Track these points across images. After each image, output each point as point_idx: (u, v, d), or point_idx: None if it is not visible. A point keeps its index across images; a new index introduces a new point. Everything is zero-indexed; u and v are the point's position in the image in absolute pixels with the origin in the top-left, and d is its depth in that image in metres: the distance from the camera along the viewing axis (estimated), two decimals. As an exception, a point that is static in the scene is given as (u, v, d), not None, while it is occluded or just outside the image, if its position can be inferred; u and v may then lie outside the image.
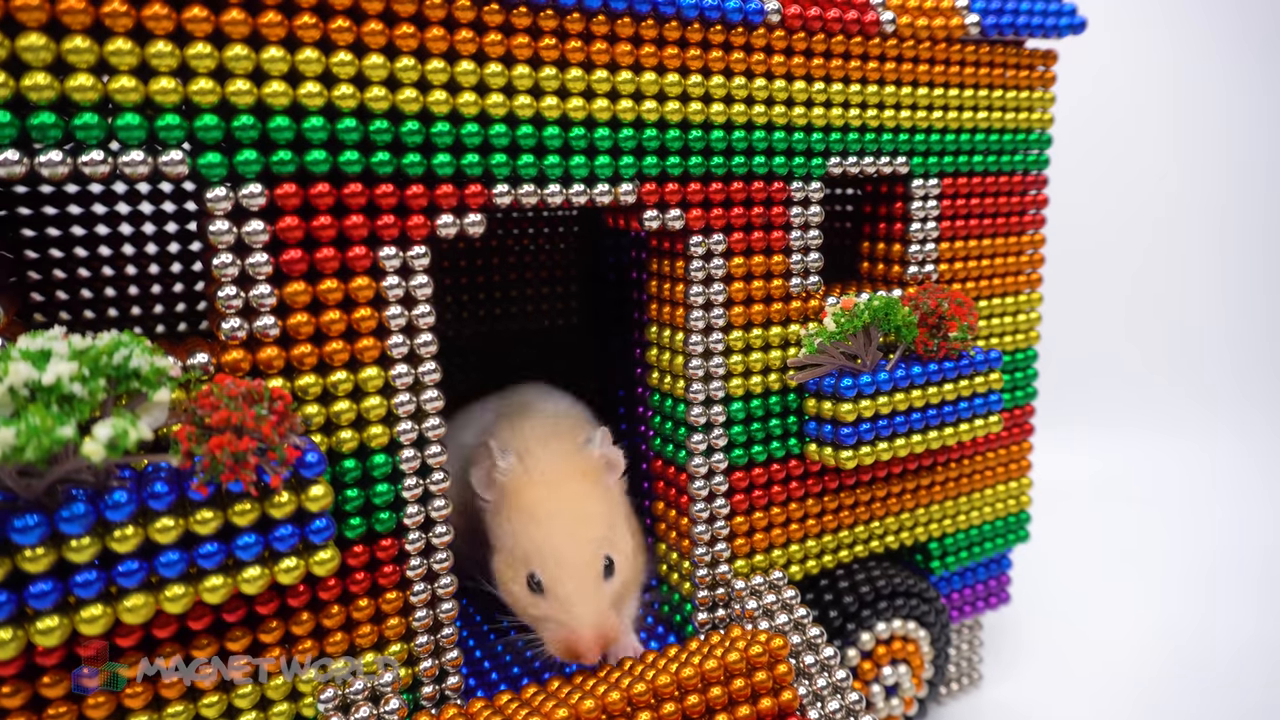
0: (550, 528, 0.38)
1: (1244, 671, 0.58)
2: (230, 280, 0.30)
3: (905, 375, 0.42)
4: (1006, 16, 0.46)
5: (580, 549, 0.38)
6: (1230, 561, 0.75)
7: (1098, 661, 0.60)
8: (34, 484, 0.25)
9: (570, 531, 0.38)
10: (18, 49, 0.26)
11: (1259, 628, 0.64)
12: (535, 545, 0.38)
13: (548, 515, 0.39)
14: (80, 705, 0.29)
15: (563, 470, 0.40)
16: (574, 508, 0.39)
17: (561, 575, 0.37)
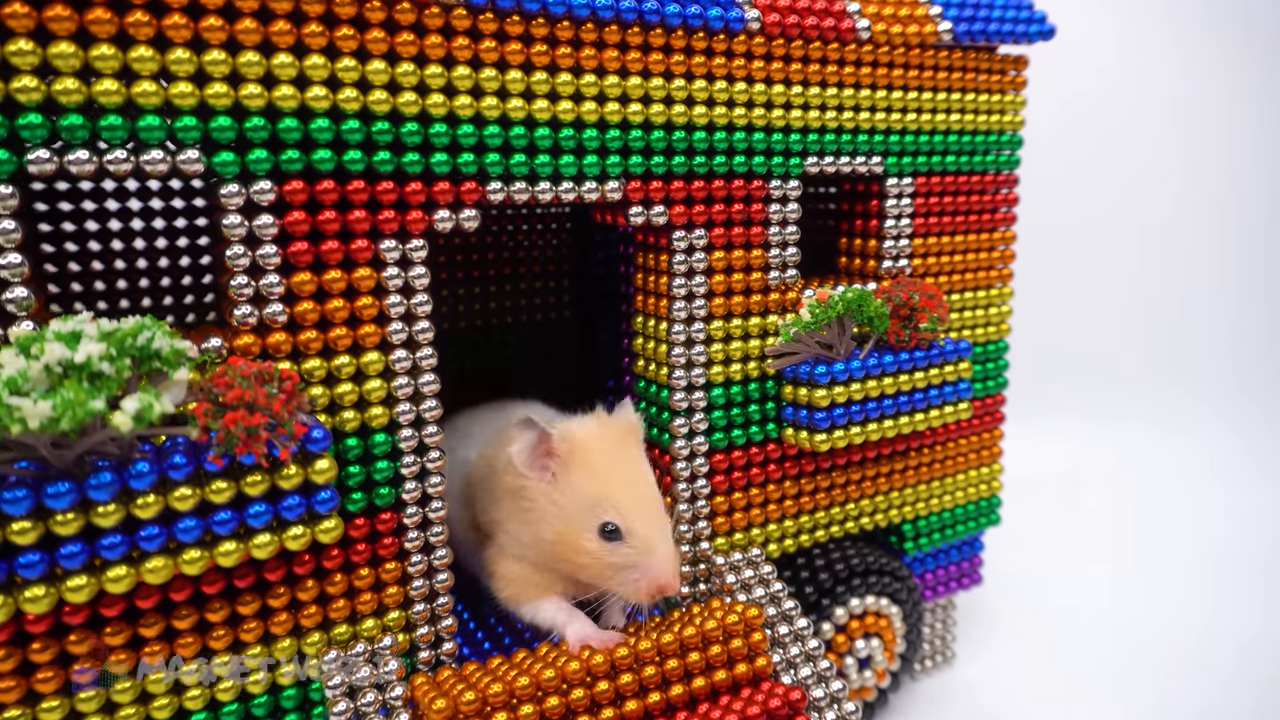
0: (620, 476, 0.39)
1: (1210, 653, 0.61)
2: (242, 270, 0.32)
3: (877, 364, 0.45)
4: (978, 24, 0.48)
5: (652, 491, 0.40)
6: (1200, 549, 0.78)
7: (1068, 643, 0.63)
8: (65, 454, 0.27)
9: (638, 478, 0.40)
10: (49, 56, 0.28)
11: (1226, 612, 0.66)
12: (607, 495, 0.39)
13: (614, 465, 0.40)
14: (104, 662, 0.31)
15: (611, 432, 0.41)
16: (634, 459, 0.41)
17: (640, 516, 0.38)
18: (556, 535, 0.39)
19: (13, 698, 0.30)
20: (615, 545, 0.38)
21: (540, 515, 0.40)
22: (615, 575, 0.38)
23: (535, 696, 0.35)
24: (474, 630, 0.46)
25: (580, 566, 0.39)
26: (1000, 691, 0.57)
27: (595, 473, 0.39)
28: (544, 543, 0.40)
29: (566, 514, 0.39)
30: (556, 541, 0.39)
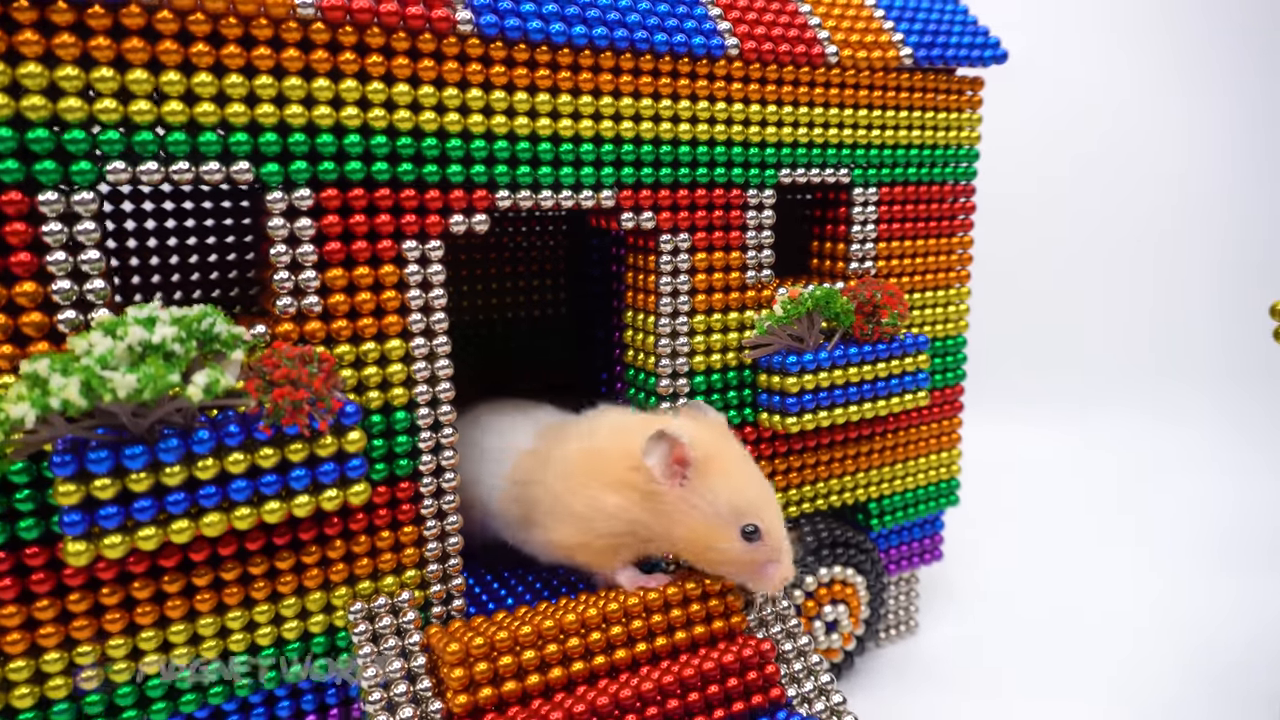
0: (756, 482, 0.43)
1: (1162, 629, 0.65)
2: (284, 266, 0.37)
3: (843, 355, 0.50)
4: (936, 49, 0.53)
5: (775, 500, 0.44)
6: (1159, 532, 0.83)
7: (1027, 617, 0.68)
8: (141, 422, 0.32)
9: (765, 482, 0.44)
10: (125, 81, 0.33)
11: (1181, 592, 0.71)
12: (749, 500, 0.42)
13: (748, 473, 0.44)
14: (163, 605, 0.36)
15: (716, 434, 0.45)
16: (747, 458, 0.45)
17: (776, 521, 0.43)
18: (691, 532, 0.42)
19: (85, 634, 0.35)
20: (755, 545, 0.42)
21: (673, 515, 0.43)
22: (749, 569, 0.43)
23: (536, 643, 0.40)
24: (479, 594, 0.50)
25: (707, 559, 0.43)
26: (960, 659, 0.62)
27: (730, 478, 0.43)
28: (672, 533, 0.43)
29: (706, 515, 0.42)
30: (693, 536, 0.43)
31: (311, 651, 0.40)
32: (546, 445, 0.49)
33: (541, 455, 0.49)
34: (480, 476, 0.50)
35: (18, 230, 0.32)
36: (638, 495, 0.43)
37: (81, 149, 0.33)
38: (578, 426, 0.49)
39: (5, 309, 0.32)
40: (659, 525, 0.43)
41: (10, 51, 0.31)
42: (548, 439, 0.49)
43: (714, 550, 0.43)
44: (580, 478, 0.45)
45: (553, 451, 0.48)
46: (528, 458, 0.49)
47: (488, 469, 0.50)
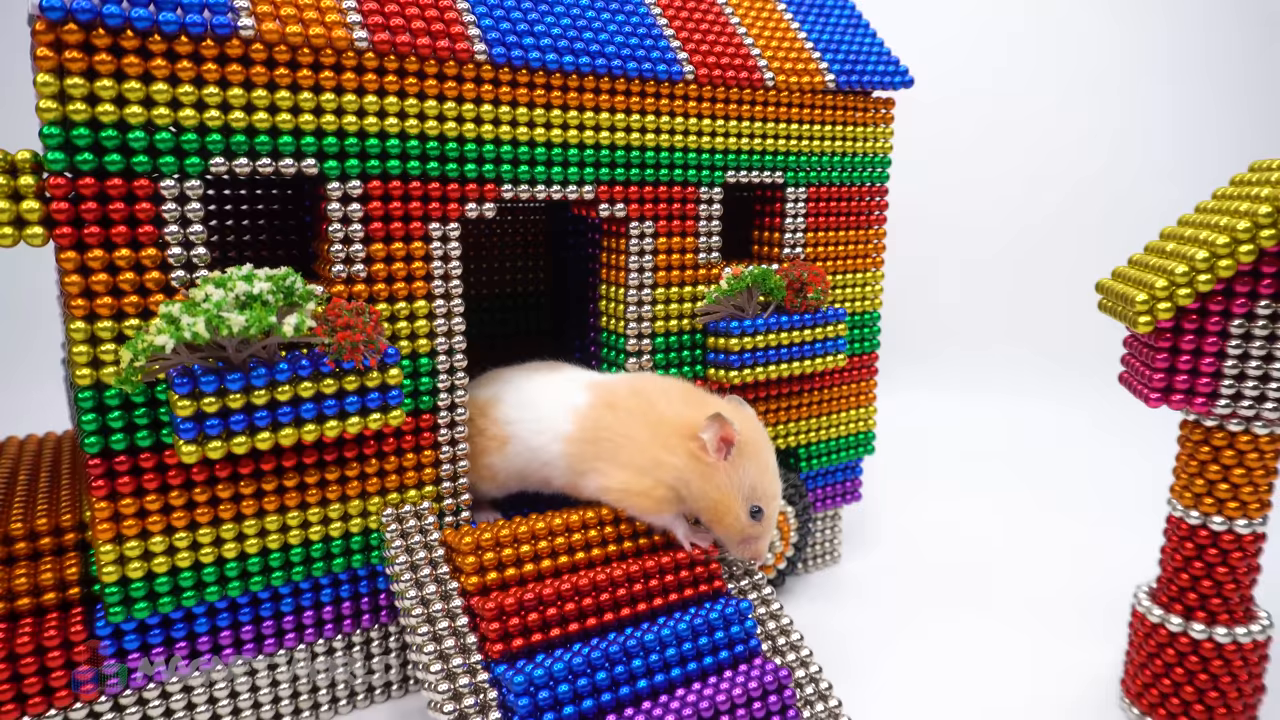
0: (772, 472, 0.52)
1: (1058, 564, 0.78)
2: (338, 240, 0.48)
3: (775, 322, 0.62)
4: (855, 75, 0.65)
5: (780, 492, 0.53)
6: (1055, 487, 0.96)
7: (936, 551, 0.80)
8: (241, 354, 0.42)
9: (778, 474, 0.53)
10: (226, 96, 0.43)
11: (1078, 537, 0.84)
12: (764, 486, 0.51)
13: (770, 464, 0.52)
14: (234, 506, 0.46)
15: (754, 426, 0.53)
16: (771, 452, 0.53)
17: (774, 509, 0.52)
18: (715, 498, 0.50)
19: (182, 523, 0.45)
20: (754, 523, 0.51)
21: (708, 481, 0.50)
22: (741, 538, 0.51)
23: (531, 539, 0.51)
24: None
25: (718, 521, 0.51)
26: (878, 584, 0.74)
27: (757, 464, 0.51)
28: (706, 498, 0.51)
29: (730, 489, 0.50)
30: (717, 502, 0.50)
31: (350, 548, 0.51)
32: (602, 404, 0.54)
33: (599, 413, 0.54)
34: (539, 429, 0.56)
35: (145, 209, 0.42)
36: (688, 460, 0.51)
37: (193, 147, 0.43)
38: (629, 389, 0.55)
39: (134, 268, 0.42)
40: (696, 487, 0.51)
41: (146, 73, 0.41)
42: (601, 398, 0.55)
43: (726, 517, 0.51)
44: (645, 438, 0.52)
45: (612, 411, 0.54)
46: (586, 414, 0.54)
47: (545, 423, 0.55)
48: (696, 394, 0.55)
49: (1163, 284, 0.46)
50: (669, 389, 0.55)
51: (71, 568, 0.46)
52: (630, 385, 0.56)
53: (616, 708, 0.47)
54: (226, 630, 0.48)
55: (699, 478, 0.51)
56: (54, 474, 0.55)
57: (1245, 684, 0.51)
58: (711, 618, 0.51)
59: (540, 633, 0.48)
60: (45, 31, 0.39)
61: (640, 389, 0.55)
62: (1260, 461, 0.49)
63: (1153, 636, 0.52)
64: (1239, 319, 0.46)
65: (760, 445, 0.52)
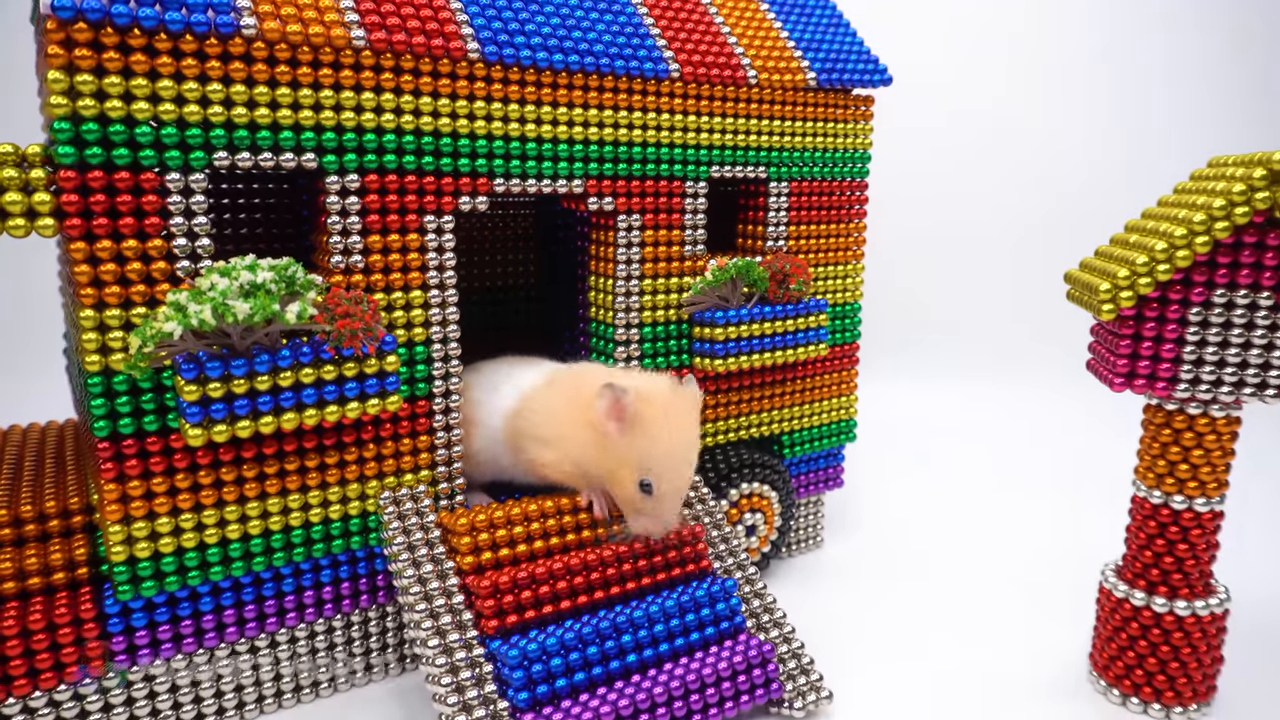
0: (671, 449, 0.51)
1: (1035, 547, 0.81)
2: (337, 232, 0.49)
3: (759, 312, 0.64)
4: (835, 73, 0.67)
5: (684, 470, 0.52)
6: (1033, 474, 0.99)
7: (917, 536, 0.82)
8: (244, 341, 0.44)
9: (680, 453, 0.52)
10: (229, 93, 0.45)
11: (1052, 522, 0.87)
12: (653, 460, 0.51)
13: (669, 440, 0.51)
14: (241, 487, 0.48)
15: (672, 399, 0.53)
16: (684, 434, 0.52)
17: (670, 486, 0.51)
18: (610, 468, 0.52)
19: (187, 504, 0.47)
20: (644, 497, 0.52)
21: (604, 450, 0.52)
22: (632, 510, 0.53)
23: (523, 521, 0.53)
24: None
25: (611, 489, 0.53)
26: (859, 566, 0.76)
27: (651, 437, 0.51)
28: (602, 467, 0.52)
29: (619, 458, 0.51)
30: (610, 471, 0.52)
31: (349, 530, 0.53)
32: (542, 384, 0.58)
33: (536, 392, 0.57)
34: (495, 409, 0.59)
35: (151, 200, 0.44)
36: (588, 431, 0.53)
37: (198, 141, 0.44)
38: (568, 372, 0.58)
39: (140, 258, 0.44)
40: (591, 456, 0.53)
41: (152, 70, 0.43)
42: (545, 379, 0.58)
43: (615, 486, 0.53)
44: (561, 414, 0.55)
45: (546, 389, 0.57)
46: (527, 393, 0.58)
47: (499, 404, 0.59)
48: (634, 376, 0.56)
49: (1125, 274, 0.48)
50: (608, 372, 0.56)
51: (80, 548, 0.48)
52: (573, 369, 0.58)
53: (607, 680, 0.49)
54: (230, 609, 0.50)
55: (594, 447, 0.53)
56: (59, 460, 0.56)
57: (1205, 654, 0.53)
58: (698, 595, 0.53)
59: (533, 610, 0.50)
60: (56, 30, 0.40)
61: (578, 371, 0.57)
62: (1218, 443, 0.51)
63: (1118, 611, 0.55)
64: (1197, 307, 0.49)
65: (663, 422, 0.51)
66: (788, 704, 0.53)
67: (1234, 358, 0.49)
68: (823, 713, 0.54)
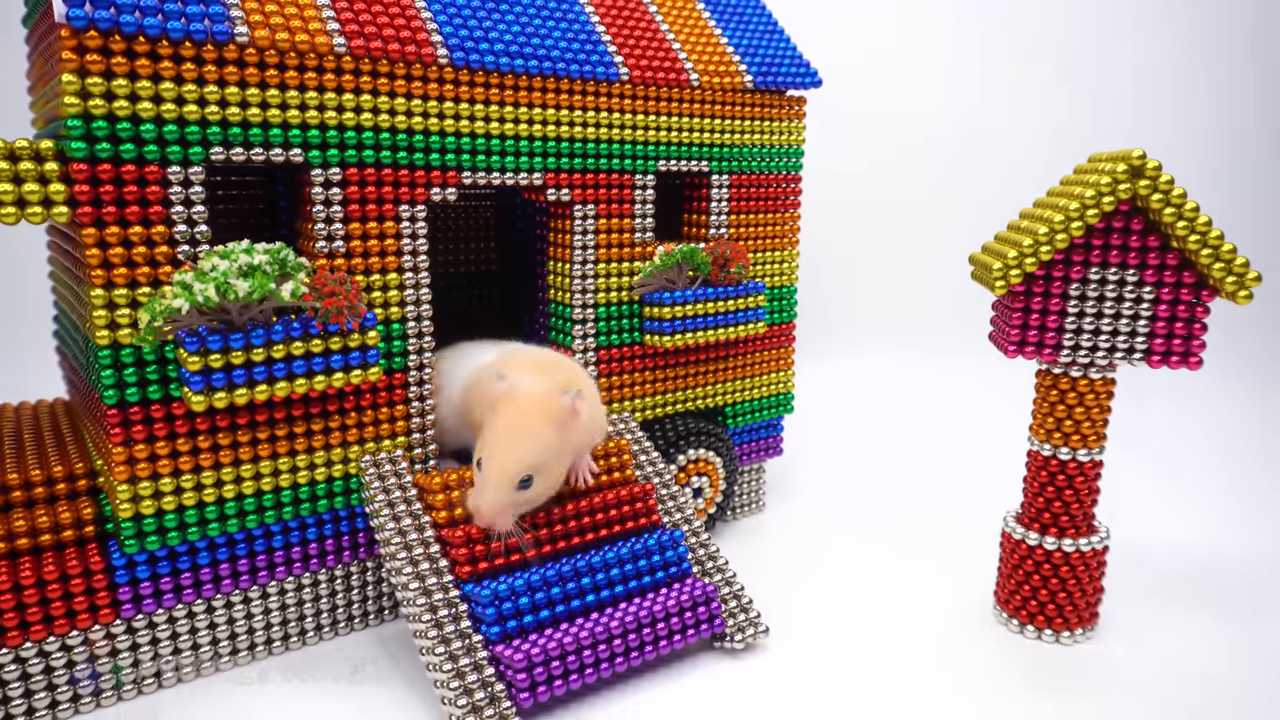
0: (502, 439, 0.54)
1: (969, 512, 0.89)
2: (321, 220, 0.55)
3: (703, 293, 0.70)
4: (770, 76, 0.74)
5: (508, 464, 0.53)
6: (965, 444, 1.08)
7: (853, 498, 0.90)
8: (242, 317, 0.49)
9: (510, 448, 0.53)
10: (224, 94, 0.50)
11: (980, 486, 0.96)
12: (489, 445, 0.54)
13: (505, 430, 0.54)
14: (246, 448, 0.53)
15: (533, 405, 0.55)
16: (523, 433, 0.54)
17: (489, 473, 0.53)
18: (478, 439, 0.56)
19: (188, 466, 0.52)
20: (477, 474, 0.54)
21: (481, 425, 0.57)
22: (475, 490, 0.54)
23: (492, 480, 0.59)
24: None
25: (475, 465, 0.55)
26: (798, 528, 0.83)
27: (493, 427, 0.55)
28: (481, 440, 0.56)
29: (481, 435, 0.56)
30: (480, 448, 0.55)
31: (333, 491, 0.58)
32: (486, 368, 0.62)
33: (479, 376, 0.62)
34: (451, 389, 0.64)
35: (155, 191, 0.49)
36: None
37: (196, 137, 0.49)
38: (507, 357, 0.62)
39: (145, 243, 0.49)
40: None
41: (155, 73, 0.48)
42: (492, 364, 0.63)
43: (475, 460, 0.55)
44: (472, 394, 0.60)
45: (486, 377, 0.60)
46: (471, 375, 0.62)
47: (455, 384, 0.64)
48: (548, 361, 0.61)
49: (1014, 254, 0.56)
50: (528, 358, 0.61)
51: (86, 509, 0.53)
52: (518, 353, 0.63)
53: (569, 617, 0.55)
54: (225, 563, 0.55)
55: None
56: (56, 432, 0.61)
57: (1088, 585, 0.62)
58: (649, 544, 0.60)
59: (501, 557, 0.56)
60: (70, 37, 0.45)
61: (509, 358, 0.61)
62: (1096, 401, 0.59)
63: (1016, 551, 0.63)
64: (1075, 283, 0.57)
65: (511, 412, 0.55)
66: (729, 637, 0.60)
67: (1106, 326, 0.57)
68: (760, 645, 0.61)
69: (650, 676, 0.57)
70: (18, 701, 0.50)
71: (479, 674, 0.50)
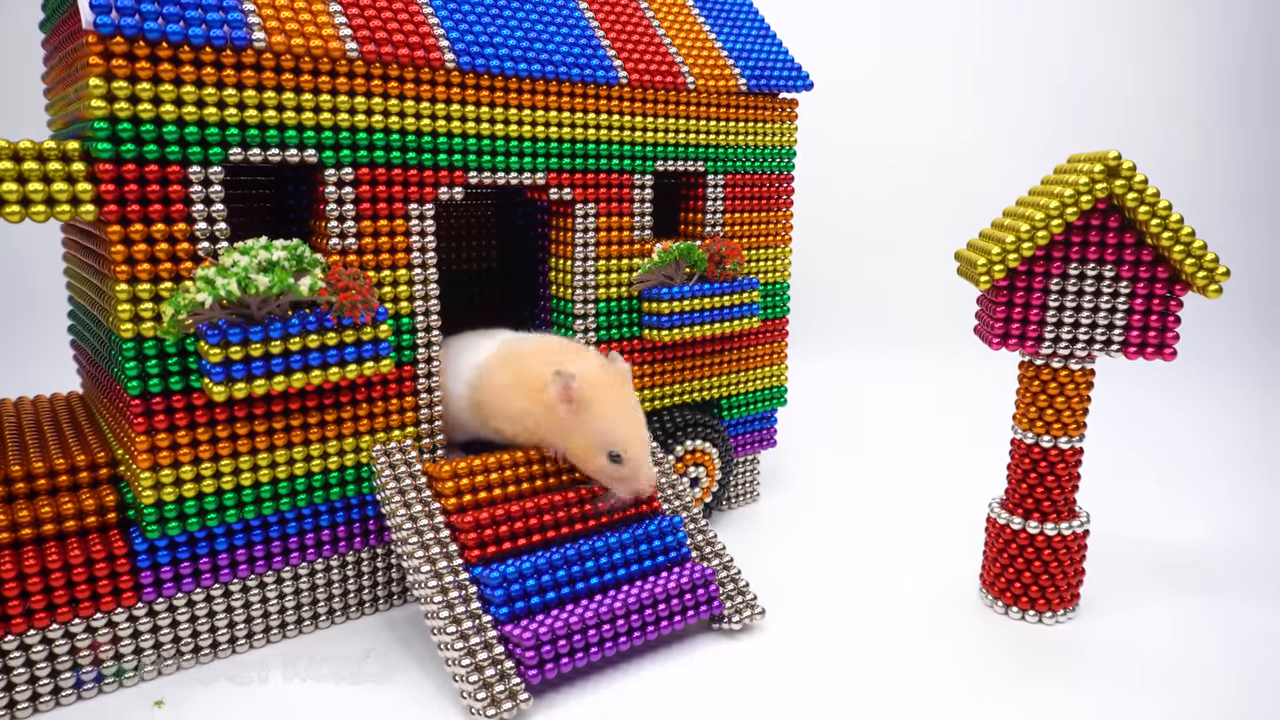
0: (626, 420, 0.58)
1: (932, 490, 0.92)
2: (334, 218, 0.57)
3: (699, 289, 0.73)
4: (763, 79, 0.77)
5: (643, 433, 0.59)
6: (926, 426, 1.11)
7: (845, 488, 0.92)
8: (260, 311, 0.51)
9: (635, 421, 0.59)
10: (243, 97, 0.52)
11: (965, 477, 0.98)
12: (616, 434, 0.57)
13: (621, 413, 0.58)
14: (262, 438, 0.55)
15: (610, 376, 0.60)
16: (631, 404, 0.59)
17: (638, 452, 0.58)
18: (574, 447, 0.59)
19: (207, 454, 0.54)
20: (617, 467, 0.59)
21: (565, 433, 0.59)
22: (612, 481, 0.60)
23: (497, 468, 0.61)
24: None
25: (583, 467, 0.60)
26: (791, 517, 0.85)
27: (601, 413, 0.58)
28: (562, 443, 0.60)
29: (583, 438, 0.59)
30: (575, 450, 0.59)
31: (345, 480, 0.60)
32: (496, 357, 0.64)
33: (491, 365, 0.64)
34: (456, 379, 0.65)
35: (177, 190, 0.51)
36: (543, 411, 0.60)
37: (215, 139, 0.51)
38: (511, 353, 0.64)
39: (167, 239, 0.51)
40: (555, 436, 0.60)
41: (177, 78, 0.50)
42: (499, 352, 0.64)
43: (586, 464, 0.60)
44: (514, 388, 0.62)
45: (500, 365, 0.64)
46: (482, 365, 0.64)
47: (460, 374, 0.65)
48: (570, 352, 0.63)
49: (997, 251, 0.58)
50: (546, 347, 0.63)
51: (109, 496, 0.55)
52: (517, 348, 0.64)
53: (574, 599, 0.58)
54: (241, 549, 0.57)
55: (554, 430, 0.60)
56: (74, 423, 0.63)
57: (1069, 568, 0.64)
58: (650, 529, 0.62)
59: (509, 542, 0.59)
60: (96, 43, 0.47)
61: (521, 352, 0.63)
62: (1076, 391, 0.62)
63: (1001, 536, 0.66)
64: (1056, 278, 0.59)
65: (606, 397, 0.58)
66: (727, 619, 0.62)
67: (1085, 319, 0.59)
68: (757, 626, 0.63)
69: (652, 656, 0.59)
70: (44, 680, 0.52)
71: (489, 652, 0.53)
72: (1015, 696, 0.55)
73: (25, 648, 0.51)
